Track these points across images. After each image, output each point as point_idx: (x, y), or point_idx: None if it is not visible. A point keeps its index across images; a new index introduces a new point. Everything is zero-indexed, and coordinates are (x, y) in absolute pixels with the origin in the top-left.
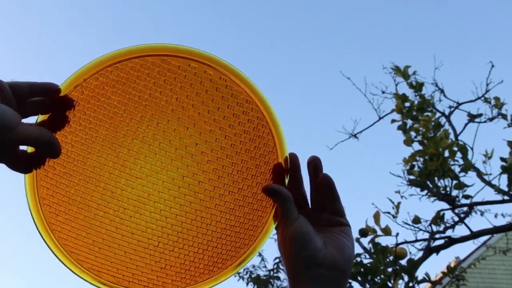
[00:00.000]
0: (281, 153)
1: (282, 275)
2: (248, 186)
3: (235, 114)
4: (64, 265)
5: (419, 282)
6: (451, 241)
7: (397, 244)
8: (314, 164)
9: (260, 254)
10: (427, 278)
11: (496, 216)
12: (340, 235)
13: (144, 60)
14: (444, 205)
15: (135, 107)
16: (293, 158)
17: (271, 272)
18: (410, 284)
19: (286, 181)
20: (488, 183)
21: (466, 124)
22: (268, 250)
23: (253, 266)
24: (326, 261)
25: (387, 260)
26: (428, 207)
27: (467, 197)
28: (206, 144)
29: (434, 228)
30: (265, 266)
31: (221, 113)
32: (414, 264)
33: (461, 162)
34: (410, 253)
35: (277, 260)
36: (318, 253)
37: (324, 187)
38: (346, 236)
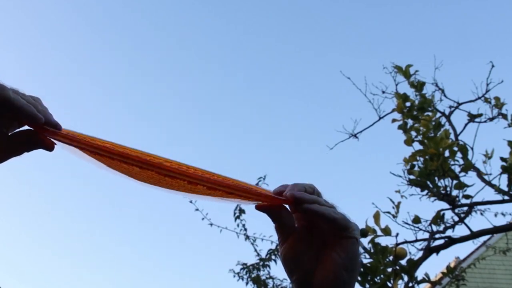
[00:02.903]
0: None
1: (273, 264)
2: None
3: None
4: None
5: (418, 282)
6: (451, 241)
7: (397, 244)
8: (295, 201)
9: (258, 255)
10: (426, 278)
11: (496, 215)
12: (338, 254)
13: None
14: (444, 205)
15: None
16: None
17: (263, 262)
18: (410, 284)
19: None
20: (488, 183)
21: (466, 124)
22: (266, 249)
23: (253, 266)
24: (315, 286)
25: (387, 260)
26: (428, 207)
27: (467, 197)
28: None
29: (434, 228)
30: (258, 255)
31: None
32: (414, 264)
33: (461, 162)
34: (410, 253)
35: (270, 251)
36: (305, 277)
37: (314, 216)
38: (345, 253)
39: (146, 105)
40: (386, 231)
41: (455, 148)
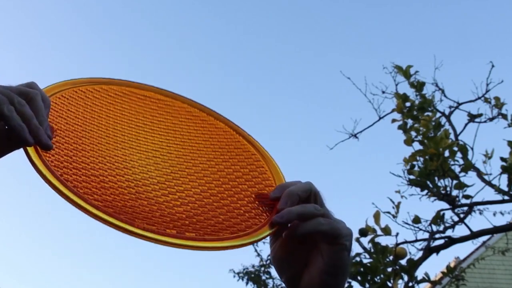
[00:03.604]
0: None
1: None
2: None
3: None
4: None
5: (418, 282)
6: (451, 241)
7: (397, 244)
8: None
9: (259, 255)
10: (426, 278)
11: (495, 214)
12: (324, 259)
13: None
14: (444, 205)
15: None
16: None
17: (263, 268)
18: (410, 284)
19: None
20: (488, 183)
21: (466, 124)
22: (266, 249)
23: (253, 266)
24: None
25: (387, 260)
26: (428, 207)
27: (467, 197)
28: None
29: (434, 228)
30: (259, 257)
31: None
32: (414, 264)
33: (461, 162)
34: (410, 253)
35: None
36: (294, 278)
37: (306, 235)
38: (331, 259)
39: None
40: (386, 231)
41: (455, 148)
